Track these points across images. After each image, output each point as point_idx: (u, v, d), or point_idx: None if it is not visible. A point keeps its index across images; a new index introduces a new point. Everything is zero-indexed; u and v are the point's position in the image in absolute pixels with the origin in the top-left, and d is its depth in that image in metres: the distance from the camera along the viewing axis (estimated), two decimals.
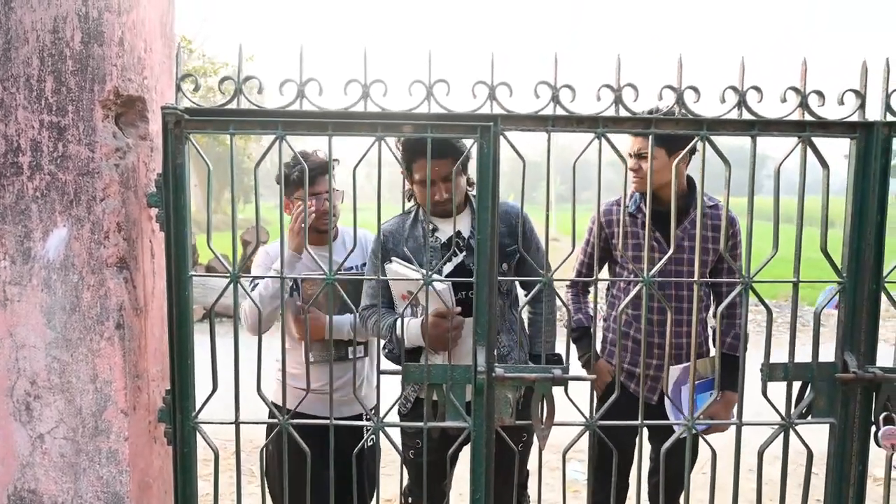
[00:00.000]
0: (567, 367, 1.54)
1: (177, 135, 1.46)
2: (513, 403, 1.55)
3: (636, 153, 2.16)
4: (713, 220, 2.18)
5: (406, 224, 2.06)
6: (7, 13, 1.35)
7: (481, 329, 1.53)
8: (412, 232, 2.06)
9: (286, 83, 1.48)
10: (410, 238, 2.05)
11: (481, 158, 1.49)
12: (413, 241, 2.04)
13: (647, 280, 1.54)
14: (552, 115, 1.49)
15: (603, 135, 1.50)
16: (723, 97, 1.51)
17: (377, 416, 1.59)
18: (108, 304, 1.42)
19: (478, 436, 1.56)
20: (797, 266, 1.56)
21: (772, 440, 1.60)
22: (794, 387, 1.61)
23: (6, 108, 1.38)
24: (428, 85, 1.47)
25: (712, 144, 1.52)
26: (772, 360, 1.56)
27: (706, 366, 2.19)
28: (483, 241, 1.51)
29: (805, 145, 1.52)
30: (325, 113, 1.48)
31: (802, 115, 1.52)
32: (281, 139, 1.48)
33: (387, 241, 2.06)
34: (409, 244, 2.04)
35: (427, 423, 1.56)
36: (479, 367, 1.52)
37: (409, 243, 2.04)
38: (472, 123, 1.48)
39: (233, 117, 1.47)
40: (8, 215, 1.40)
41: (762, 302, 1.56)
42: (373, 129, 1.49)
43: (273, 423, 1.59)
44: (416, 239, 2.05)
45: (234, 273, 1.51)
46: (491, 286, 1.52)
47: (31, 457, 1.47)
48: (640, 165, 2.16)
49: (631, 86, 1.50)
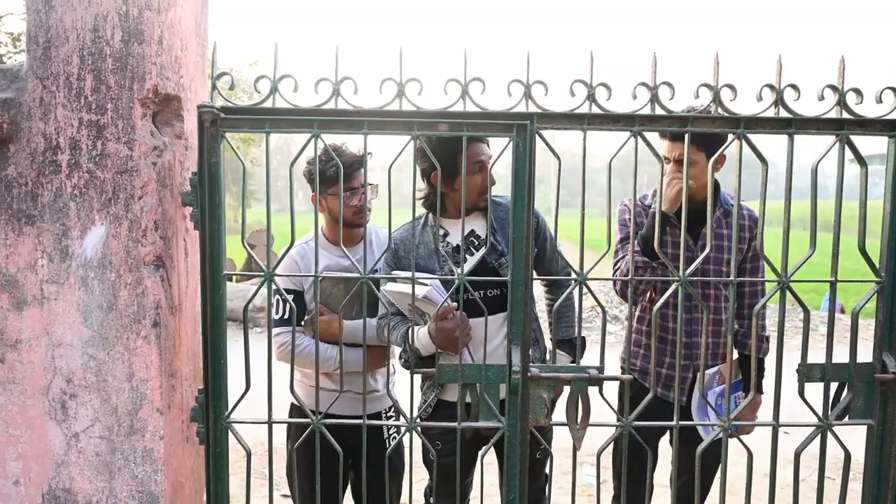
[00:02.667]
0: (602, 367, 1.52)
1: (212, 133, 1.46)
2: (548, 403, 1.54)
3: (676, 159, 2.07)
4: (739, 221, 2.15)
5: (416, 231, 2.04)
6: (48, 12, 1.36)
7: (516, 328, 1.52)
8: (422, 238, 2.04)
9: (321, 82, 1.48)
10: (421, 244, 2.03)
11: (517, 157, 1.48)
12: (424, 247, 2.03)
13: (684, 280, 1.53)
14: (588, 113, 1.49)
15: (639, 133, 1.49)
16: (759, 95, 1.50)
17: (410, 416, 1.58)
18: (145, 303, 1.42)
19: (512, 436, 1.54)
20: (835, 265, 1.54)
21: (809, 442, 1.58)
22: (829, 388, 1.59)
23: (46, 107, 1.38)
24: (463, 83, 1.47)
25: (749, 143, 1.50)
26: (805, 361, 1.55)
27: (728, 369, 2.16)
28: (518, 240, 1.51)
29: (843, 144, 1.51)
30: (361, 111, 1.48)
31: (840, 112, 1.51)
32: (316, 137, 1.48)
33: (398, 249, 2.04)
34: (421, 250, 2.02)
35: (461, 424, 1.55)
36: (515, 367, 1.51)
37: (420, 249, 2.02)
38: (508, 122, 1.48)
39: (269, 115, 1.47)
40: (46, 213, 1.41)
41: (800, 302, 1.54)
42: (408, 127, 1.48)
43: (305, 424, 1.58)
44: (426, 245, 2.03)
45: (269, 272, 1.51)
46: (526, 284, 1.52)
47: (67, 455, 1.46)
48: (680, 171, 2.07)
49: (667, 84, 1.50)
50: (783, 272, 1.53)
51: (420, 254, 2.02)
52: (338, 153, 2.03)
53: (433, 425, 1.62)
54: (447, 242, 2.02)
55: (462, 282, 1.53)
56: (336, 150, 2.04)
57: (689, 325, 2.13)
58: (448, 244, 2.02)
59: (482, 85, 1.48)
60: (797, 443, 1.58)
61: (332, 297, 2.08)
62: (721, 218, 2.18)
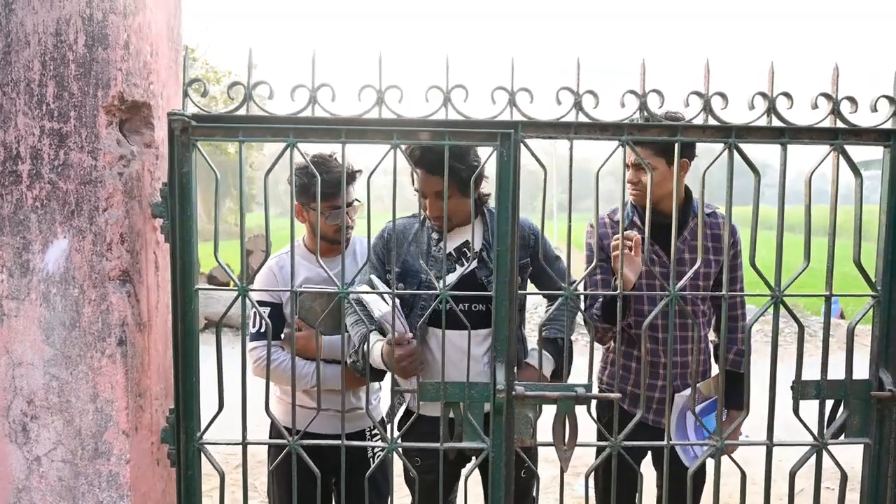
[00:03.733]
0: (590, 386, 1.47)
1: (183, 142, 1.40)
2: (533, 423, 1.48)
3: (634, 163, 1.99)
4: (713, 230, 2.07)
5: (413, 227, 1.96)
6: (7, 15, 1.29)
7: (500, 345, 1.47)
8: (417, 236, 1.97)
9: (297, 89, 1.42)
10: (414, 242, 1.95)
11: (501, 167, 1.43)
12: (416, 246, 1.96)
13: (674, 294, 1.47)
14: (575, 121, 1.44)
15: (628, 142, 1.44)
16: (751, 103, 1.45)
17: (391, 436, 1.51)
18: (109, 320, 1.36)
19: (497, 457, 1.48)
20: (829, 279, 1.50)
21: (804, 461, 1.53)
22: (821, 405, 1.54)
23: (5, 114, 1.31)
24: (445, 91, 1.42)
25: (741, 153, 1.45)
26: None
27: (709, 386, 2.05)
28: (503, 254, 1.45)
29: (837, 154, 1.46)
30: (339, 119, 1.42)
31: (834, 121, 1.46)
32: (292, 147, 1.42)
33: (388, 239, 1.94)
34: (413, 248, 1.94)
35: (444, 445, 1.49)
36: (499, 385, 1.45)
37: (411, 247, 1.94)
38: (491, 130, 1.42)
39: (242, 124, 1.41)
40: (6, 226, 1.34)
41: (793, 317, 1.49)
42: (388, 136, 1.43)
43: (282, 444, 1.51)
44: (419, 244, 1.97)
45: (243, 287, 1.45)
46: (511, 300, 1.46)
47: (28, 480, 1.39)
48: (640, 177, 2.00)
49: (656, 91, 1.45)
50: (776, 286, 1.48)
51: (411, 251, 1.94)
52: (326, 165, 1.95)
53: (415, 446, 1.56)
54: (439, 247, 1.95)
55: (444, 296, 1.47)
56: (324, 162, 1.96)
57: (665, 344, 2.03)
58: (440, 249, 1.95)
59: (465, 92, 1.43)
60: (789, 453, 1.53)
61: (310, 311, 2.01)
62: (695, 229, 2.04)
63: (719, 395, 1.55)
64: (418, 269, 1.88)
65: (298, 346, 2.01)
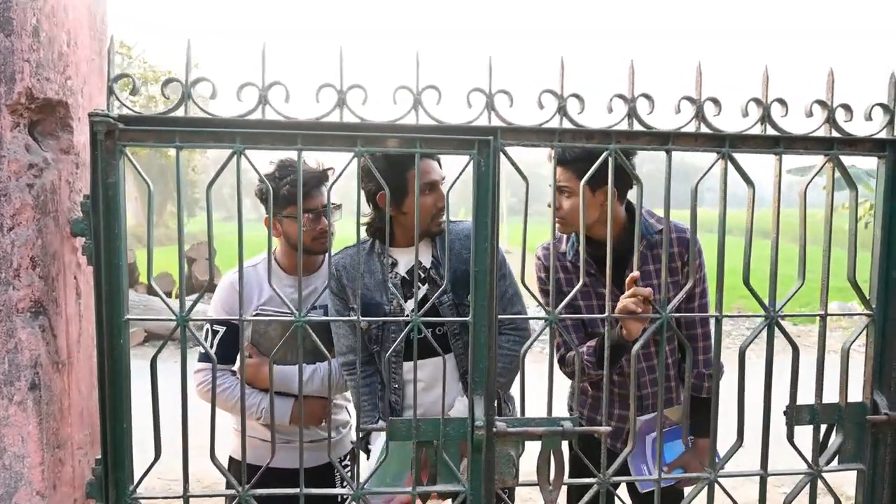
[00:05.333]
0: (577, 419, 1.33)
1: (108, 148, 1.19)
2: (516, 462, 1.33)
3: (558, 185, 1.68)
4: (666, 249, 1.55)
5: (361, 257, 1.81)
6: None
7: (479, 376, 1.32)
8: (368, 266, 1.82)
9: (245, 87, 1.23)
10: (367, 273, 1.80)
11: (479, 177, 1.28)
12: (370, 276, 1.80)
13: (667, 316, 1.36)
14: (559, 128, 1.30)
15: (615, 151, 1.32)
16: (745, 110, 1.35)
17: (357, 482, 1.34)
18: (18, 361, 1.13)
19: (475, 500, 1.33)
20: (824, 298, 1.41)
21: (798, 491, 1.44)
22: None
23: None
24: (416, 92, 1.26)
25: (735, 163, 1.35)
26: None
27: (678, 413, 1.89)
28: (481, 274, 1.30)
29: (833, 164, 1.38)
30: (293, 123, 1.24)
31: (829, 130, 1.38)
32: (239, 154, 1.23)
33: (340, 276, 1.80)
34: (367, 280, 1.80)
35: (416, 489, 1.33)
36: (478, 422, 1.30)
37: (365, 279, 1.80)
38: (468, 137, 1.27)
39: (179, 127, 1.21)
40: None
41: (789, 339, 1.40)
42: (351, 142, 1.25)
43: (231, 495, 1.32)
44: (372, 273, 1.80)
45: (182, 316, 1.25)
46: (490, 325, 1.31)
47: None
48: (562, 203, 1.73)
49: (646, 96, 1.32)
50: (770, 306, 1.38)
51: (366, 283, 1.79)
52: (291, 168, 1.76)
53: (380, 491, 1.39)
54: (395, 273, 1.79)
55: (416, 323, 1.30)
56: (290, 165, 1.77)
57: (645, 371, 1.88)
58: (396, 275, 1.79)
59: (437, 94, 1.27)
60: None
61: (265, 336, 1.81)
62: (646, 252, 1.81)
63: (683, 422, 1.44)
64: (379, 301, 1.74)
65: (248, 375, 1.81)
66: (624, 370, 1.85)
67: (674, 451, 1.87)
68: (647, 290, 1.45)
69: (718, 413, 1.42)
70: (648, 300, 1.44)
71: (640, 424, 1.82)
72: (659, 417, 1.39)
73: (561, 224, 1.76)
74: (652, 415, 1.84)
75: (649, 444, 1.88)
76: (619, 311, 1.47)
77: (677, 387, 1.92)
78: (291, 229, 1.79)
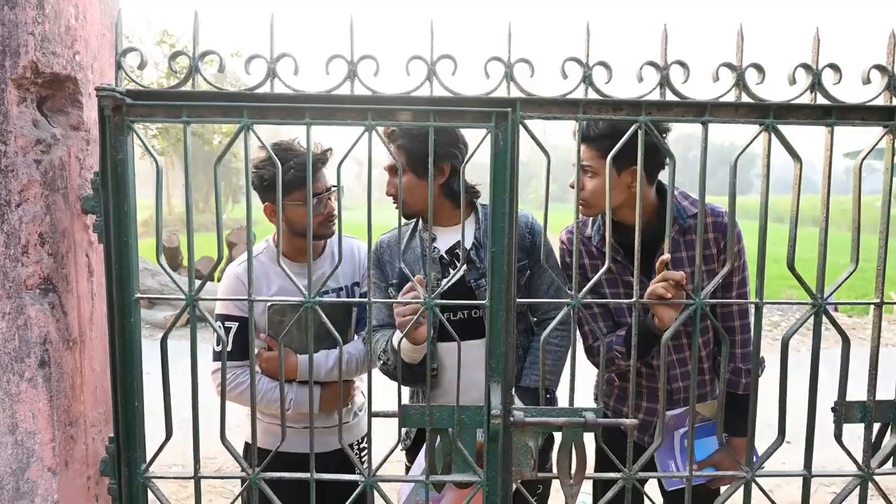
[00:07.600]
0: (601, 410, 1.25)
1: (116, 123, 1.17)
2: (534, 453, 1.27)
3: (583, 165, 1.59)
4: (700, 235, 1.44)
5: (405, 235, 1.80)
6: None
7: (496, 362, 1.25)
8: (409, 243, 1.79)
9: (253, 60, 1.19)
10: (408, 249, 1.78)
11: (497, 153, 1.20)
12: (411, 252, 1.78)
13: (700, 302, 1.25)
14: (584, 98, 1.21)
15: (645, 124, 1.22)
16: (793, 77, 1.23)
17: (369, 468, 1.30)
18: (28, 337, 1.13)
19: (492, 492, 1.27)
20: (880, 285, 1.28)
21: (847, 493, 1.32)
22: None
23: None
24: (430, 62, 1.19)
25: (780, 136, 1.23)
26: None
27: (712, 408, 1.77)
28: (498, 255, 1.23)
29: (894, 137, 1.24)
30: (302, 96, 1.19)
31: (890, 99, 1.24)
32: (247, 129, 1.19)
33: (383, 252, 1.80)
34: (407, 256, 1.77)
35: (429, 478, 1.28)
36: (494, 410, 1.23)
37: (406, 255, 1.77)
38: (485, 109, 1.20)
39: (186, 101, 1.17)
40: None
41: (838, 329, 1.28)
42: (362, 115, 1.20)
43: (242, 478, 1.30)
44: (412, 250, 1.78)
45: (190, 296, 1.22)
46: (508, 309, 1.24)
47: None
48: (585, 183, 1.62)
49: (680, 63, 1.22)
50: (818, 292, 1.26)
51: (406, 259, 1.75)
52: (290, 153, 1.73)
53: (393, 479, 1.35)
54: (436, 248, 1.76)
55: (430, 307, 1.24)
56: (287, 149, 1.73)
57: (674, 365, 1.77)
58: (437, 250, 1.75)
59: (453, 64, 1.20)
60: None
61: (282, 326, 1.78)
62: (678, 238, 1.69)
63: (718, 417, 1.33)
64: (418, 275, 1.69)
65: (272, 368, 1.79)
66: (653, 361, 1.75)
67: (704, 448, 1.75)
68: (679, 274, 1.34)
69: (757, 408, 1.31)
70: (681, 285, 1.34)
71: (669, 419, 1.71)
72: (691, 412, 1.30)
73: (584, 207, 1.65)
74: (682, 409, 1.73)
75: (678, 440, 1.77)
76: (649, 297, 1.38)
77: (711, 381, 1.79)
78: (294, 215, 1.75)
